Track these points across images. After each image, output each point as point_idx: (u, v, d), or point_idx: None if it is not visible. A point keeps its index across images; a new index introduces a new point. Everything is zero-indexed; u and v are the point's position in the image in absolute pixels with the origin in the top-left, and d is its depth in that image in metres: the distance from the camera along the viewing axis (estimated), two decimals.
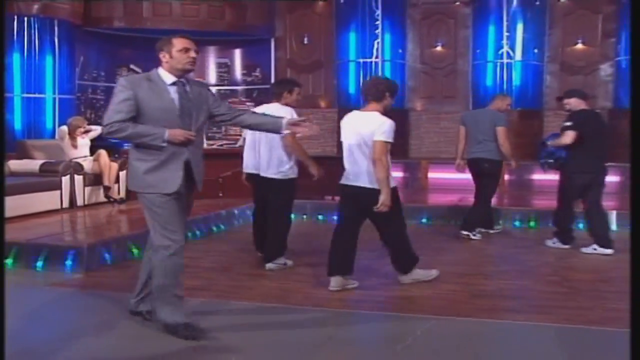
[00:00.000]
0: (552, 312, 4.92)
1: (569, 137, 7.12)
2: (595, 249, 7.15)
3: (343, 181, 5.54)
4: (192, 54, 4.26)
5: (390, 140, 5.27)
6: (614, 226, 8.60)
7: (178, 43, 4.25)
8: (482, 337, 4.33)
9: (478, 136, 7.97)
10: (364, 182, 5.35)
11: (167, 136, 4.14)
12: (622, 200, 9.91)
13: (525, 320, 4.69)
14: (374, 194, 5.23)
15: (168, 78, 4.24)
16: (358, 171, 5.39)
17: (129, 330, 4.35)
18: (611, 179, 11.14)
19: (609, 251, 7.08)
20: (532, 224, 8.99)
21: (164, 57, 4.25)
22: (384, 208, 5.21)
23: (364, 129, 5.32)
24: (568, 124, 7.18)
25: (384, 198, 5.19)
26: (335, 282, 5.51)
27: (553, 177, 7.86)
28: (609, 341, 4.31)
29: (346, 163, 5.51)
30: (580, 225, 7.76)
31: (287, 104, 6.29)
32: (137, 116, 4.15)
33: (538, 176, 11.31)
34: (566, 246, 7.30)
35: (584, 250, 7.19)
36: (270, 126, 4.59)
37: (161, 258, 4.23)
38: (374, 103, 5.44)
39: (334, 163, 6.91)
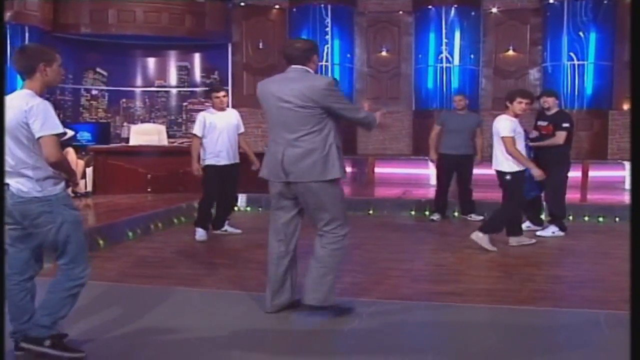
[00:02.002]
0: (485, 294, 4.98)
1: (561, 137, 7.12)
2: (553, 232, 7.31)
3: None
4: None
5: (509, 135, 6.30)
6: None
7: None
8: (421, 319, 4.35)
9: None
10: (496, 165, 6.50)
11: (378, 119, 4.21)
12: None
13: (461, 302, 4.73)
14: (503, 174, 6.44)
15: None
16: (493, 156, 6.54)
17: (105, 314, 4.26)
18: None
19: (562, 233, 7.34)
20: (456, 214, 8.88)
21: (314, 61, 4.13)
22: (540, 177, 6.50)
23: (496, 125, 6.47)
24: (566, 125, 7.14)
25: (535, 172, 6.46)
26: (475, 236, 6.56)
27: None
28: (535, 318, 4.37)
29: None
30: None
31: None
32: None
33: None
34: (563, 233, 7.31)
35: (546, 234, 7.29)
36: None
37: (342, 245, 4.13)
38: (504, 107, 6.56)
39: None
